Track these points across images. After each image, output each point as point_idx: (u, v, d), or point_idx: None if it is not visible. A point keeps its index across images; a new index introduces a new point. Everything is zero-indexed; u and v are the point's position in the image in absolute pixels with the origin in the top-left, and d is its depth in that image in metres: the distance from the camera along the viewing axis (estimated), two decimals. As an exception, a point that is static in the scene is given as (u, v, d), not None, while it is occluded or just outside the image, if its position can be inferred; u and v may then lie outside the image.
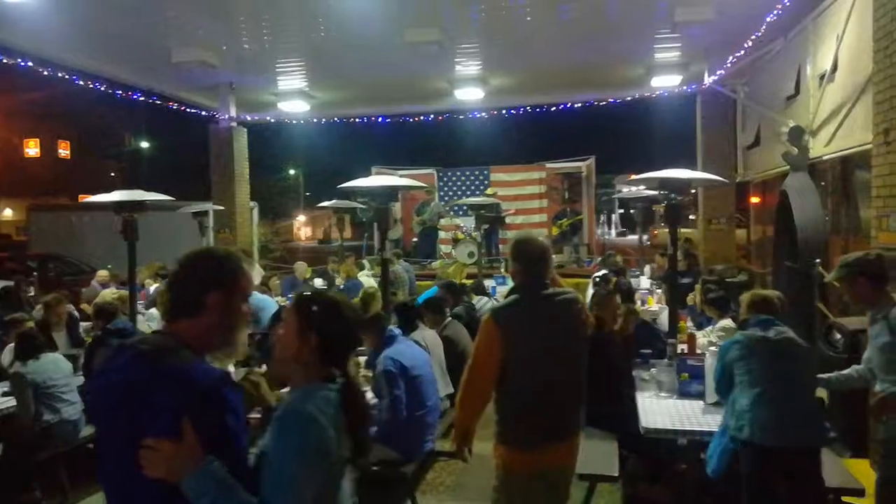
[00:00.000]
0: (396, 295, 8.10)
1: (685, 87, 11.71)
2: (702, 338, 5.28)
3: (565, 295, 3.06)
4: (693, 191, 11.56)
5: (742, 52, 9.18)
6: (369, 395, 4.58)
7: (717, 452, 3.48)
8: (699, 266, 10.12)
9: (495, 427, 2.98)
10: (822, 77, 7.24)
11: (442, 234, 15.08)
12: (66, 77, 10.44)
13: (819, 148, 7.36)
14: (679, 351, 4.82)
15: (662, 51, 10.60)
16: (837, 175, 7.60)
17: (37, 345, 4.87)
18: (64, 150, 38.88)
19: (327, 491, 1.74)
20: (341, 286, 9.26)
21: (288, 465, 1.65)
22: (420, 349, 4.84)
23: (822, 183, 7.78)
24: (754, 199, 11.78)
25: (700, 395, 4.09)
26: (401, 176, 12.41)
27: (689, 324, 6.08)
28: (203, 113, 13.25)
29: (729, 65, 9.77)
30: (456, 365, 5.51)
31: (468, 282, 9.33)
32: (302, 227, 41.01)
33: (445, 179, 16.09)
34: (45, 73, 10.07)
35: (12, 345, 5.30)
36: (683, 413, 3.96)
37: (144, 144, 37.78)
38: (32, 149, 37.24)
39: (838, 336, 5.06)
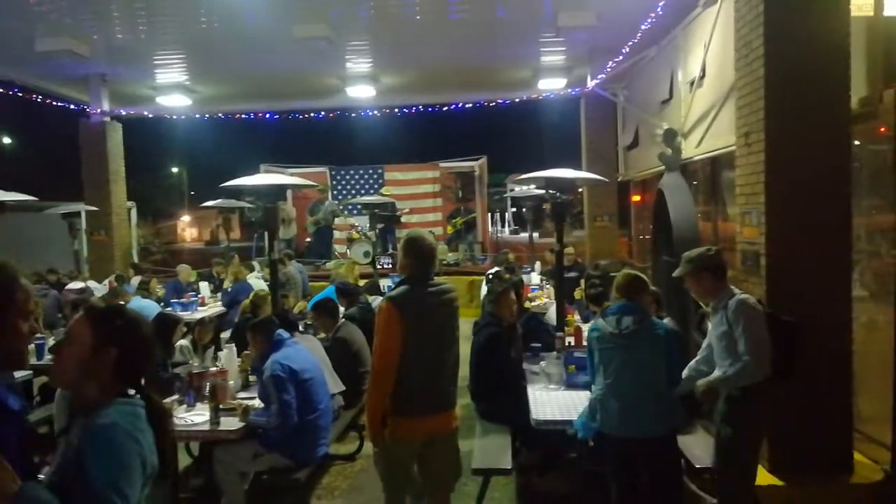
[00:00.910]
0: (288, 297, 7.87)
1: (570, 90, 12.17)
2: (588, 331, 5.49)
3: (444, 286, 3.46)
4: (580, 189, 12.05)
5: (620, 57, 9.65)
6: (256, 401, 4.43)
7: (582, 425, 3.70)
8: (584, 261, 10.56)
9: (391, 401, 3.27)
10: (691, 83, 7.72)
11: (336, 234, 14.86)
12: None
13: (690, 149, 7.85)
14: (567, 344, 4.99)
15: (548, 54, 10.96)
16: (707, 175, 8.14)
17: None
18: None
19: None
20: (229, 289, 8.89)
21: (115, 484, 1.59)
22: (308, 353, 4.72)
23: (694, 182, 8.31)
24: (635, 198, 12.42)
25: (587, 386, 4.23)
26: (291, 174, 12.07)
27: (577, 317, 6.32)
28: (72, 107, 12.30)
29: (609, 69, 10.24)
30: (351, 366, 5.44)
31: (363, 281, 9.24)
32: (187, 228, 39.08)
33: (339, 178, 15.86)
34: None
35: None
36: (572, 404, 4.09)
37: (6, 140, 34.59)
38: None
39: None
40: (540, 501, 4.62)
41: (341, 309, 6.40)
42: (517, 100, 12.85)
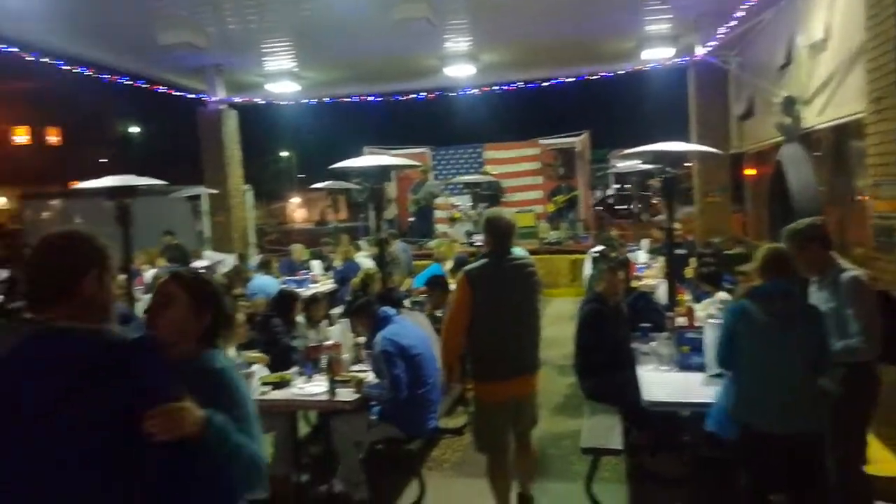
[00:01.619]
0: (393, 275, 8.09)
1: (677, 60, 11.65)
2: (700, 311, 5.30)
3: (523, 261, 3.88)
4: (688, 164, 11.58)
5: (733, 22, 9.12)
6: (370, 375, 4.61)
7: (720, 414, 3.42)
8: (694, 238, 10.16)
9: (471, 365, 3.83)
10: (813, 46, 7.20)
11: (438, 214, 15.06)
12: (51, 62, 10.29)
13: (812, 118, 7.35)
14: (678, 324, 4.85)
15: (653, 23, 10.52)
16: (831, 144, 7.60)
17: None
18: (54, 137, 38.50)
19: None
20: (339, 268, 9.25)
21: (249, 407, 1.82)
22: (418, 329, 4.86)
23: (817, 153, 7.78)
24: (749, 171, 11.77)
25: (700, 368, 4.12)
26: (394, 155, 12.34)
27: (688, 297, 6.12)
28: (191, 96, 13.10)
29: (720, 36, 9.71)
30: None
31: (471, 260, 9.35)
32: (296, 209, 40.83)
33: (439, 158, 16.02)
34: (30, 58, 9.92)
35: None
36: (685, 385, 3.99)
37: (134, 129, 37.39)
38: (22, 136, 36.88)
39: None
40: (651, 483, 4.56)
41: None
42: (620, 72, 12.45)
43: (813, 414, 3.18)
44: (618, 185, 20.07)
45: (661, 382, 4.06)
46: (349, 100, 13.81)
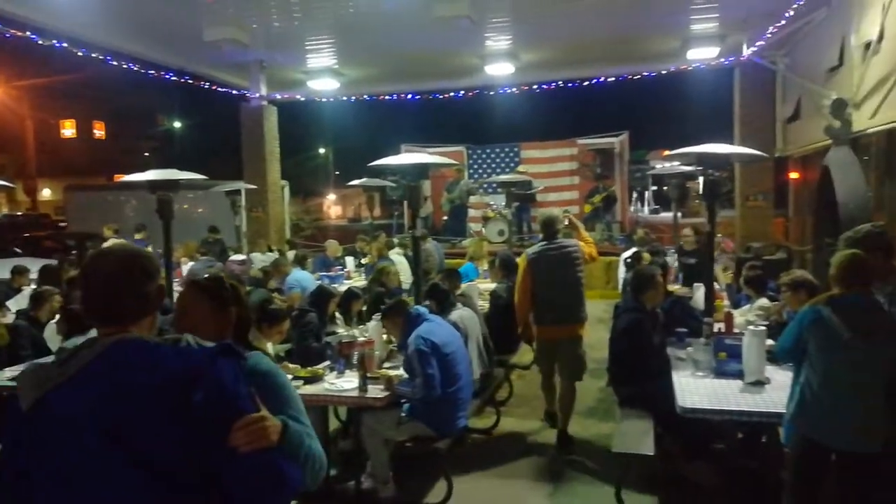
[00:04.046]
0: (429, 274, 8.08)
1: (723, 60, 11.41)
2: (739, 317, 5.18)
3: (564, 243, 5.42)
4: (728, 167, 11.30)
5: (783, 22, 8.89)
6: (400, 370, 4.60)
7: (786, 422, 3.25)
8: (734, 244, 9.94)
9: (534, 314, 5.38)
10: (867, 47, 6.97)
11: (472, 212, 15.01)
12: (100, 58, 10.56)
13: (863, 121, 7.12)
14: (716, 330, 4.74)
15: (699, 22, 10.32)
16: (882, 149, 7.34)
17: (84, 325, 4.85)
18: (99, 131, 39.56)
19: None
20: (372, 264, 9.27)
21: (301, 406, 1.84)
22: (450, 327, 4.82)
23: (866, 157, 7.53)
24: (793, 175, 11.46)
25: (738, 375, 4.01)
26: (430, 153, 12.31)
27: (726, 302, 5.97)
28: (234, 92, 13.31)
29: (769, 36, 9.48)
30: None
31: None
32: (332, 206, 41.21)
33: (475, 157, 15.96)
34: (80, 53, 10.20)
35: (55, 322, 5.42)
36: (721, 392, 3.88)
37: (177, 124, 38.18)
38: (68, 130, 38.00)
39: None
40: (683, 491, 4.46)
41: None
42: (663, 72, 12.24)
43: (880, 435, 2.99)
44: (655, 187, 19.76)
45: (696, 389, 3.96)
46: (388, 98, 13.85)
